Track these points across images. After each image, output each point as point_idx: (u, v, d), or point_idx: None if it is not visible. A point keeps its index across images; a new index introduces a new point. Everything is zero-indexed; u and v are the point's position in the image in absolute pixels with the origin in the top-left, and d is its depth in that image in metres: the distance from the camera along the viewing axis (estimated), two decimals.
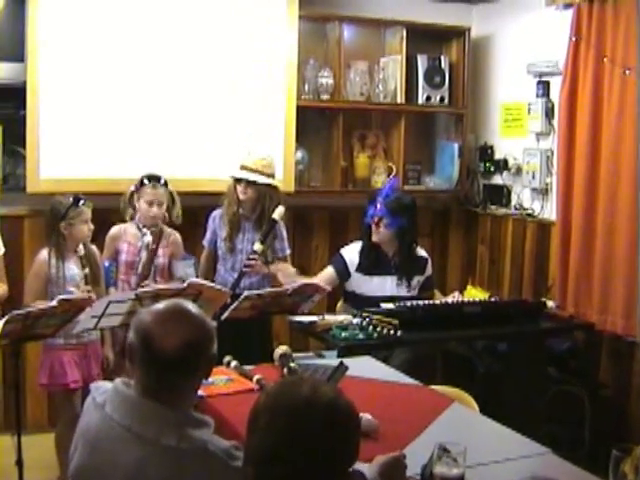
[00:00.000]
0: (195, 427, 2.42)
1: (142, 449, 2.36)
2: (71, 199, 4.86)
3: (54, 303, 4.16)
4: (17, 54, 5.60)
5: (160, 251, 5.21)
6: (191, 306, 2.56)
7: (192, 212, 5.59)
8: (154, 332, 2.42)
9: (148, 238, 5.16)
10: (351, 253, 5.50)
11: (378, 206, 5.36)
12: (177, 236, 5.33)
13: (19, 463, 4.20)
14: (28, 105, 5.61)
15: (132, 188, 5.22)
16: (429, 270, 5.64)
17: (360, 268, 5.45)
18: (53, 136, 5.69)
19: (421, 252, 5.62)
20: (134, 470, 2.34)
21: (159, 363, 2.41)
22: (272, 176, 5.47)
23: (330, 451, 2.07)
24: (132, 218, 5.25)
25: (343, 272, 5.45)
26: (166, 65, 5.92)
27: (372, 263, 5.45)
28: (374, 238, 5.42)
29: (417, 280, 5.53)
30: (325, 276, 5.40)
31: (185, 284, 4.46)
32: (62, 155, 5.73)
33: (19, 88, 5.61)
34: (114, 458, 2.39)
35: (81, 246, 4.89)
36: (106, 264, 5.07)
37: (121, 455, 2.37)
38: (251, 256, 5.30)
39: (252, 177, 5.35)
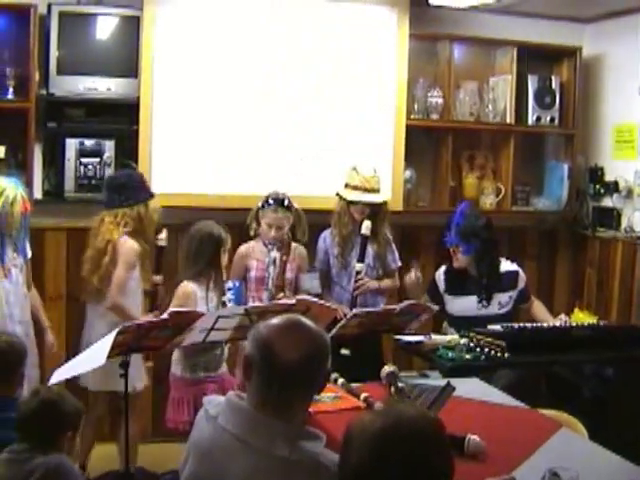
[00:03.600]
0: (308, 440, 2.43)
1: (254, 459, 2.38)
2: (221, 230, 4.91)
3: (165, 316, 4.23)
4: (130, 70, 5.75)
5: (287, 265, 5.24)
6: (308, 321, 2.57)
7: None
8: (275, 344, 2.44)
9: (275, 254, 5.21)
10: (440, 276, 5.58)
11: (452, 234, 5.36)
12: (302, 250, 5.38)
13: (126, 473, 4.28)
14: (141, 120, 5.74)
15: (259, 205, 5.26)
16: (522, 282, 5.59)
17: (447, 290, 5.51)
18: (165, 151, 5.82)
19: (508, 266, 5.59)
20: (246, 479, 2.38)
21: (279, 376, 2.43)
22: (379, 191, 5.49)
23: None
24: (257, 234, 5.30)
25: (436, 296, 5.50)
26: (278, 83, 6.00)
27: (457, 284, 5.48)
28: (455, 264, 5.48)
29: (509, 296, 5.50)
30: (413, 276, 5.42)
31: (294, 300, 4.49)
32: (173, 170, 5.85)
33: (132, 104, 5.75)
34: (226, 468, 2.42)
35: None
36: (236, 284, 5.05)
37: (233, 465, 2.40)
38: (356, 277, 5.33)
39: (369, 198, 5.39)
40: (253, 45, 5.95)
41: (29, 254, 4.96)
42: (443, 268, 5.61)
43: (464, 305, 5.43)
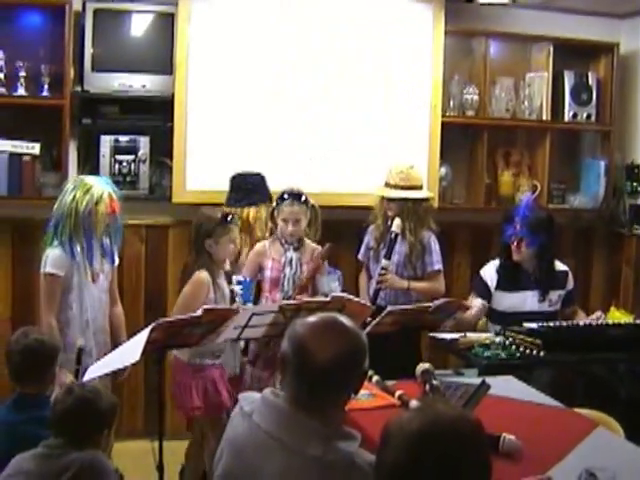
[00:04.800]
0: (342, 440, 2.41)
1: (288, 458, 2.38)
2: (219, 215, 4.79)
3: (199, 313, 4.22)
4: (165, 67, 5.77)
5: (304, 267, 5.15)
6: (346, 320, 2.55)
7: (336, 226, 5.61)
8: (309, 343, 2.44)
9: (292, 254, 5.13)
10: (490, 272, 5.49)
11: (517, 227, 5.30)
12: (320, 250, 5.26)
13: (160, 468, 4.27)
14: (175, 117, 5.76)
15: (274, 204, 5.20)
16: (570, 284, 5.55)
17: (500, 286, 5.42)
18: (199, 148, 5.83)
19: (561, 266, 5.54)
20: (280, 478, 2.37)
21: (313, 374, 2.42)
22: (418, 188, 5.46)
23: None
24: (272, 233, 5.23)
25: (486, 294, 5.43)
26: (312, 80, 6.00)
27: (512, 279, 5.41)
28: (515, 258, 5.37)
29: (558, 295, 5.47)
30: (477, 305, 5.36)
31: (329, 297, 4.47)
32: (208, 167, 5.86)
33: (167, 100, 5.77)
34: (260, 465, 2.41)
35: (227, 262, 4.85)
36: (247, 279, 5.00)
37: (267, 463, 2.40)
38: (380, 272, 5.31)
39: (392, 194, 5.37)
40: (288, 42, 5.96)
41: (116, 260, 4.82)
42: (494, 264, 5.52)
43: (518, 300, 5.37)
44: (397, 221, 5.30)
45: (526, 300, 5.38)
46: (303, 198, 5.13)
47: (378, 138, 6.13)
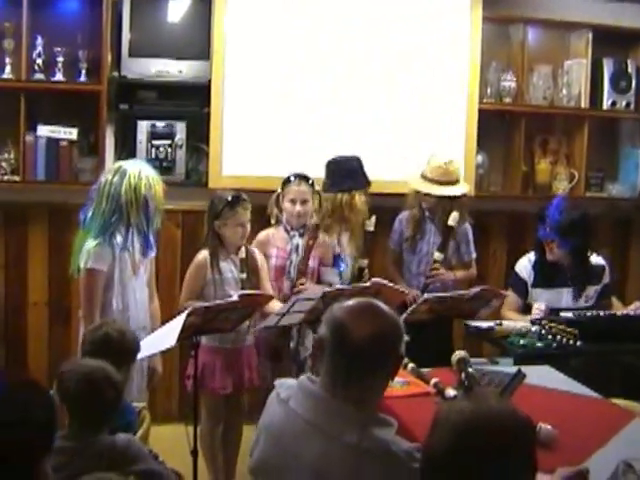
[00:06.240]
0: (378, 426, 2.42)
1: (324, 444, 2.39)
2: (229, 197, 4.73)
3: (235, 298, 4.23)
4: (202, 53, 5.77)
5: (312, 252, 5.09)
6: (382, 304, 2.58)
7: (373, 213, 5.59)
8: (347, 323, 2.46)
9: (298, 240, 5.07)
10: (525, 269, 5.41)
11: (548, 229, 5.25)
12: (327, 239, 5.22)
13: (194, 453, 4.29)
14: (212, 103, 5.77)
15: (278, 190, 5.13)
16: (607, 277, 5.48)
17: (536, 283, 5.36)
18: (236, 133, 5.84)
19: (598, 260, 5.46)
20: (316, 465, 2.38)
21: (350, 353, 2.44)
22: (455, 182, 5.44)
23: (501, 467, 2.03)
24: (278, 221, 5.15)
25: (523, 292, 5.37)
26: (348, 66, 5.98)
27: (548, 276, 5.34)
28: (548, 257, 5.30)
29: (594, 290, 5.39)
30: (513, 304, 5.33)
31: (369, 283, 4.48)
32: (244, 152, 5.87)
33: (203, 86, 5.77)
34: (297, 452, 2.43)
35: (243, 249, 4.78)
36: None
37: (304, 449, 2.41)
38: (433, 266, 5.31)
39: (430, 190, 5.36)
40: (323, 28, 5.95)
41: (154, 251, 4.64)
42: (529, 259, 5.44)
43: (554, 297, 5.29)
44: (454, 215, 5.29)
45: (562, 297, 5.32)
46: (310, 181, 5.11)
47: (414, 125, 6.10)
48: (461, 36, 6.16)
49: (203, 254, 4.78)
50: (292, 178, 5.06)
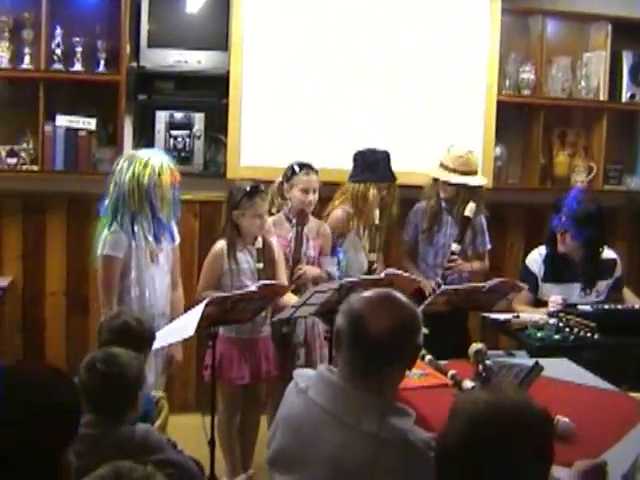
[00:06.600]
0: (397, 416, 2.43)
1: (343, 434, 2.39)
2: (248, 187, 4.73)
3: (254, 288, 4.23)
4: (220, 43, 5.77)
5: (311, 243, 5.11)
6: (400, 295, 2.58)
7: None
8: (364, 314, 2.46)
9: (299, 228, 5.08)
10: (536, 262, 5.38)
11: (563, 218, 5.22)
12: (327, 229, 5.24)
13: (211, 443, 4.30)
14: (230, 94, 5.78)
15: (280, 179, 5.12)
16: (618, 271, 5.44)
17: (546, 277, 5.33)
18: (253, 124, 5.84)
19: (609, 254, 5.41)
20: (335, 454, 2.38)
21: (367, 344, 2.44)
22: (474, 173, 5.43)
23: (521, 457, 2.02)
24: (279, 210, 5.14)
25: (534, 286, 5.34)
26: (367, 57, 5.98)
27: (559, 271, 5.31)
28: (560, 249, 5.26)
29: (605, 284, 5.35)
30: (523, 298, 5.30)
31: (382, 274, 4.48)
32: (262, 143, 5.88)
33: (222, 77, 5.78)
34: (316, 442, 2.43)
35: (259, 239, 4.77)
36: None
37: (323, 439, 2.42)
38: (451, 257, 5.31)
39: (451, 179, 5.35)
40: (341, 20, 5.94)
41: (177, 239, 4.70)
42: (540, 253, 5.41)
43: (564, 292, 5.22)
44: (471, 206, 5.30)
45: (573, 292, 5.27)
46: (316, 170, 5.12)
47: (433, 117, 6.09)
48: (480, 28, 6.14)
49: (220, 244, 4.79)
50: (299, 168, 5.06)
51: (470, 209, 5.30)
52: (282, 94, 5.87)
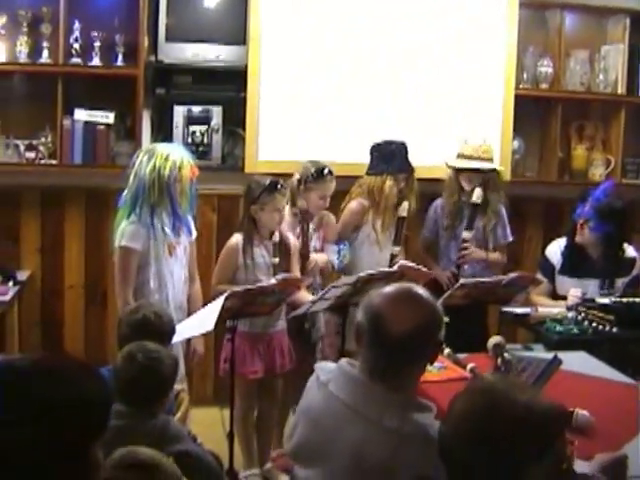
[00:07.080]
0: (418, 411, 2.43)
1: (364, 428, 2.39)
2: (267, 182, 4.72)
3: (273, 281, 4.24)
4: (239, 38, 5.76)
5: (315, 236, 5.14)
6: (422, 291, 2.56)
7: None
8: (385, 313, 2.45)
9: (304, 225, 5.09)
10: (555, 254, 5.34)
11: (586, 208, 5.18)
12: (331, 217, 5.25)
13: (230, 436, 4.31)
14: (249, 88, 5.77)
15: (297, 176, 5.06)
16: (636, 270, 5.39)
17: (563, 270, 5.29)
18: (271, 118, 5.84)
19: (629, 252, 5.36)
20: (356, 448, 2.38)
21: (388, 344, 2.43)
22: (491, 161, 5.44)
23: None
24: (293, 204, 5.09)
25: (551, 277, 5.32)
26: (385, 51, 5.98)
27: (575, 265, 5.27)
28: (577, 239, 5.22)
29: (622, 282, 5.30)
30: (541, 288, 5.27)
31: (396, 267, 4.48)
32: (280, 137, 5.88)
33: (240, 71, 5.77)
34: (336, 436, 2.43)
35: (277, 233, 4.77)
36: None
37: (343, 433, 2.42)
38: (463, 245, 5.30)
39: (474, 165, 5.34)
40: (359, 15, 5.93)
41: (194, 233, 4.74)
42: (560, 244, 5.37)
43: (582, 288, 5.14)
44: (478, 191, 5.29)
45: (588, 288, 5.21)
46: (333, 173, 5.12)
47: (451, 111, 6.09)
48: (498, 21, 6.13)
49: (236, 238, 4.79)
50: (324, 172, 5.02)
51: (477, 195, 5.29)
52: (300, 88, 5.87)
